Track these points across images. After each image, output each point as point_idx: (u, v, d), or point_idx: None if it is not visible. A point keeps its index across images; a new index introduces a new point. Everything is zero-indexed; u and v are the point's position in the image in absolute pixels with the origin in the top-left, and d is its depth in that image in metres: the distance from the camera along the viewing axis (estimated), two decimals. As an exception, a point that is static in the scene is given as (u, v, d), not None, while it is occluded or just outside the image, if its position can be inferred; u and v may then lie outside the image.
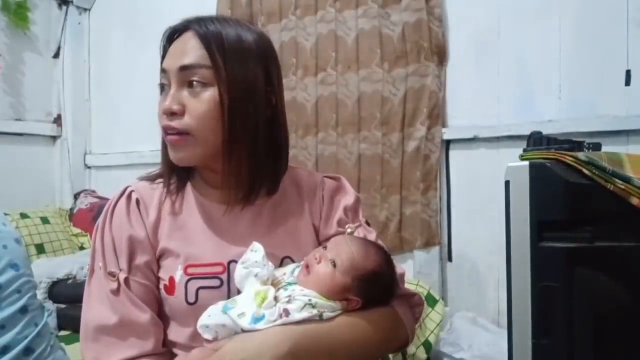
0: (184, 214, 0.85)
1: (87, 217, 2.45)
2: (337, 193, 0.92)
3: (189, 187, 0.88)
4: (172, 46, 0.81)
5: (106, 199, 2.40)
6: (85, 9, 2.77)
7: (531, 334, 1.00)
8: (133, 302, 0.79)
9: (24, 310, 0.89)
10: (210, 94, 0.77)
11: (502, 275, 1.16)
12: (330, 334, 0.73)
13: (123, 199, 0.85)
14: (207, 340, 0.73)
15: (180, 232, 0.84)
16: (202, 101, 0.77)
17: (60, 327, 1.76)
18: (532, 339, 1.00)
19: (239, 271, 0.77)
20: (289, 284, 0.78)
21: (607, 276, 0.97)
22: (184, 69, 0.77)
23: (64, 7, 2.70)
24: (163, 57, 0.83)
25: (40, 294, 1.78)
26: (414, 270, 2.08)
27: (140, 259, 0.82)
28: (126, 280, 0.80)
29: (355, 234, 0.89)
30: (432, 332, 1.83)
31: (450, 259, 2.07)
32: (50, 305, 1.79)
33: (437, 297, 1.95)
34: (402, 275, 0.89)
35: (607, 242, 0.98)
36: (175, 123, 0.78)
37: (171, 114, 0.78)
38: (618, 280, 0.97)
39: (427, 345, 1.79)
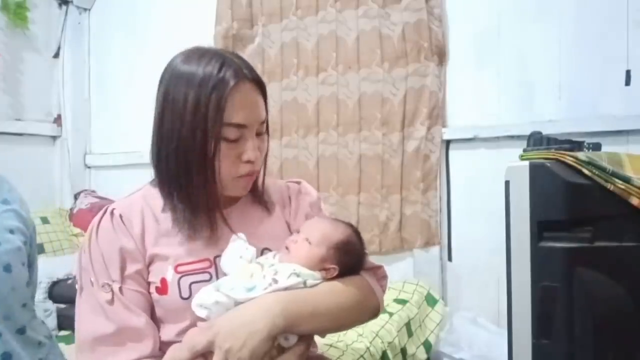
0: (167, 220, 0.89)
1: (87, 217, 2.44)
2: (300, 193, 1.04)
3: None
4: (243, 100, 0.85)
5: (106, 199, 2.41)
6: (85, 9, 2.77)
7: (531, 334, 1.00)
8: (128, 309, 0.82)
9: None
10: (265, 136, 0.92)
11: (502, 275, 1.15)
12: (314, 297, 0.84)
13: (107, 217, 0.88)
14: (202, 320, 0.79)
15: (166, 239, 0.87)
16: (265, 143, 0.92)
17: (60, 327, 1.75)
18: (532, 339, 1.00)
19: (224, 258, 0.85)
20: (272, 264, 0.86)
21: (607, 276, 0.98)
22: (263, 122, 0.89)
23: (64, 7, 2.69)
24: (219, 108, 0.82)
25: (41, 294, 1.77)
26: (414, 270, 2.08)
27: (132, 268, 0.85)
28: (120, 289, 0.83)
29: None
30: (432, 332, 1.83)
31: (450, 259, 2.07)
32: (50, 306, 1.78)
33: (437, 297, 1.95)
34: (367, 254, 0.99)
35: (607, 242, 0.98)
36: (256, 166, 0.90)
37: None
38: (618, 280, 0.97)
39: (427, 345, 1.79)
